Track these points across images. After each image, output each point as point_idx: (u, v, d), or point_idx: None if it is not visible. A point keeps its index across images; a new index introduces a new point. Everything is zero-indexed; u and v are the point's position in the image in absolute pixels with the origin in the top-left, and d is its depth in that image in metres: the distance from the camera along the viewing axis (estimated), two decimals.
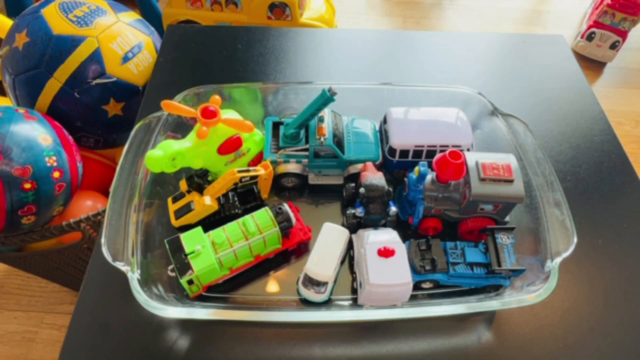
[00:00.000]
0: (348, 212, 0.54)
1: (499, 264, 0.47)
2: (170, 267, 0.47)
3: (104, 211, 0.80)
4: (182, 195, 0.53)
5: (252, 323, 0.48)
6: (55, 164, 0.72)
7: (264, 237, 0.49)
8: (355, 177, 0.57)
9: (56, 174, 0.72)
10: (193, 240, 0.47)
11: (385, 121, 0.60)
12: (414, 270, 0.49)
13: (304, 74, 0.75)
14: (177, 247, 0.47)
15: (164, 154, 0.48)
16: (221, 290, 0.50)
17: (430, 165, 0.52)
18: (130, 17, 0.88)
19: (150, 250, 0.49)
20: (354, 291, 0.50)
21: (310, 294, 0.48)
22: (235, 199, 0.54)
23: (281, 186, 0.59)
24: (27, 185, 0.68)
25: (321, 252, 0.50)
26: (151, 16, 1.50)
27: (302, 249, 0.54)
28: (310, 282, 0.48)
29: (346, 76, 0.76)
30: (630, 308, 0.51)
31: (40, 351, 1.05)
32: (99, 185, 0.94)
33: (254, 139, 0.58)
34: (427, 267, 0.49)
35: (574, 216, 0.48)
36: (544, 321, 0.50)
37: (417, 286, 0.51)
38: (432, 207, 0.53)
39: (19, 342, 1.06)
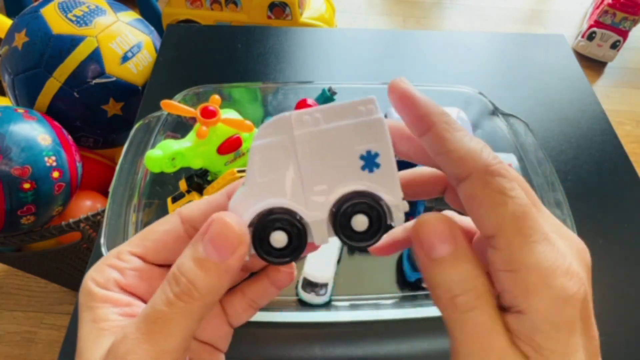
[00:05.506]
0: None
1: None
2: None
3: (103, 211, 0.80)
4: (181, 195, 0.53)
5: (252, 323, 0.48)
6: (54, 163, 0.72)
7: None
8: None
9: (55, 174, 0.72)
10: None
11: None
12: (414, 268, 0.48)
13: (304, 74, 0.75)
14: None
15: (164, 153, 0.48)
16: None
17: None
18: (129, 16, 0.88)
19: None
20: (354, 291, 0.50)
21: (311, 298, 0.48)
22: None
23: None
24: (27, 185, 0.68)
25: (318, 254, 0.49)
26: (151, 15, 1.50)
27: None
28: (310, 285, 0.48)
29: (346, 76, 0.76)
30: (631, 308, 0.51)
31: (40, 351, 1.05)
32: (99, 185, 0.94)
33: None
34: None
35: (575, 216, 0.47)
36: None
37: (417, 285, 0.51)
38: (432, 207, 0.53)
39: (18, 342, 1.06)
